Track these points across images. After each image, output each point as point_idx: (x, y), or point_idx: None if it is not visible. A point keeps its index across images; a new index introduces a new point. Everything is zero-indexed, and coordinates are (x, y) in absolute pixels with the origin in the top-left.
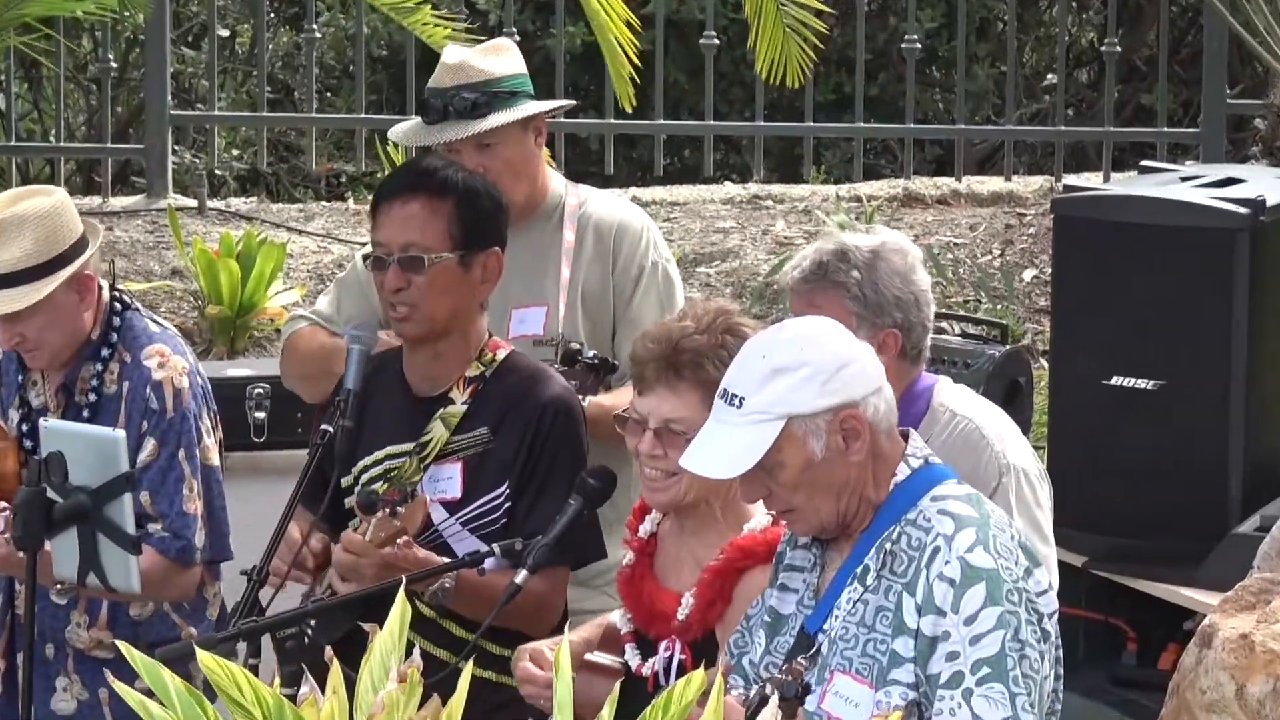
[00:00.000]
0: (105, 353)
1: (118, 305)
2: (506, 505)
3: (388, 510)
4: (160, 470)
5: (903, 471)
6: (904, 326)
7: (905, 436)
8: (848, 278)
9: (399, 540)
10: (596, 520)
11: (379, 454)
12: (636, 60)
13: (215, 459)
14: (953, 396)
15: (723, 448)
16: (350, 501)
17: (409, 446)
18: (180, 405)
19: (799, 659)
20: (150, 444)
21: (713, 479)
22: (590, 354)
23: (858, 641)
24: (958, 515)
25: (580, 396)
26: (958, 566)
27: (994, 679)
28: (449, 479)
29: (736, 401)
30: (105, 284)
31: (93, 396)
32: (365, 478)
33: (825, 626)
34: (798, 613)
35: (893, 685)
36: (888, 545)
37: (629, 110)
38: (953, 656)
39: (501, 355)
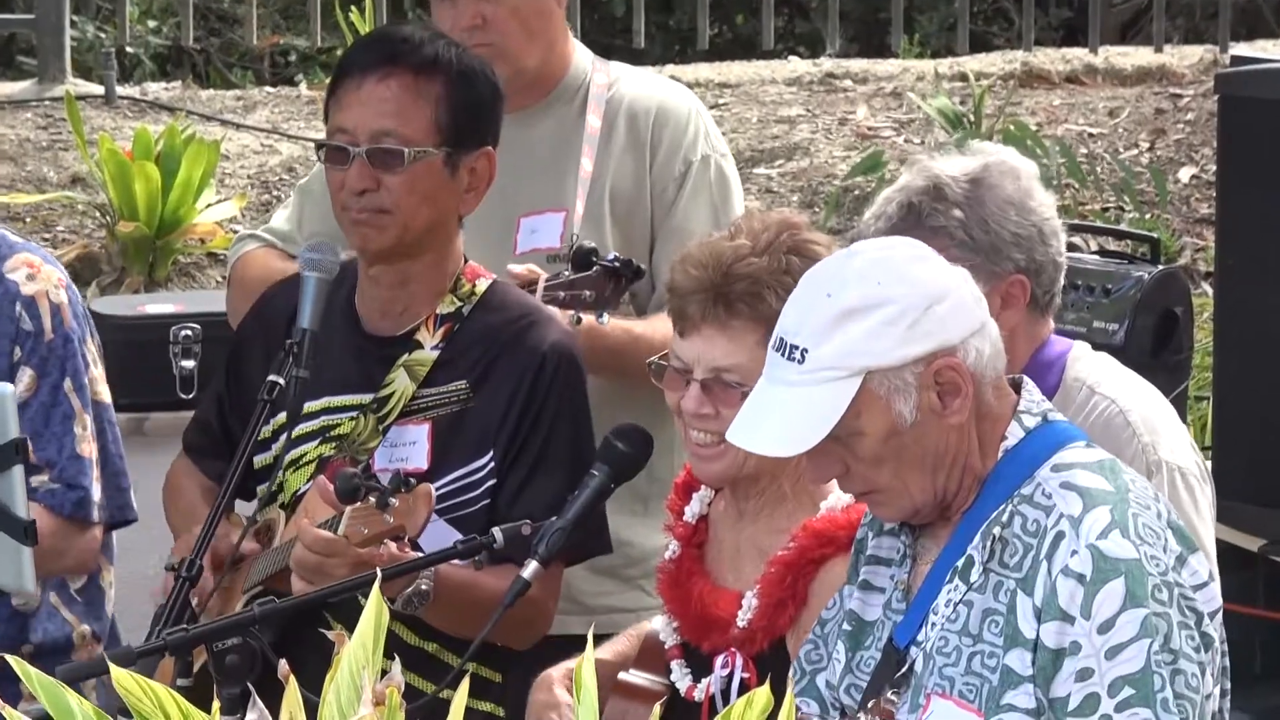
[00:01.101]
0: None
1: None
2: (489, 482)
3: (375, 500)
4: (42, 407)
5: (1014, 434)
6: (1030, 269)
7: (1017, 387)
8: (948, 219)
9: (390, 541)
10: (602, 504)
11: (314, 405)
12: None
13: (106, 394)
14: (1091, 369)
15: (782, 416)
16: (264, 459)
17: (361, 399)
18: (61, 325)
19: (888, 693)
20: (27, 375)
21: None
22: (610, 255)
23: (960, 656)
24: (1087, 490)
25: (598, 313)
26: (1088, 557)
27: (1138, 702)
28: (412, 444)
29: (797, 354)
30: None
31: None
32: (295, 433)
33: (919, 637)
34: (885, 619)
35: (1007, 712)
36: (996, 530)
37: None
38: (1084, 675)
39: (482, 287)
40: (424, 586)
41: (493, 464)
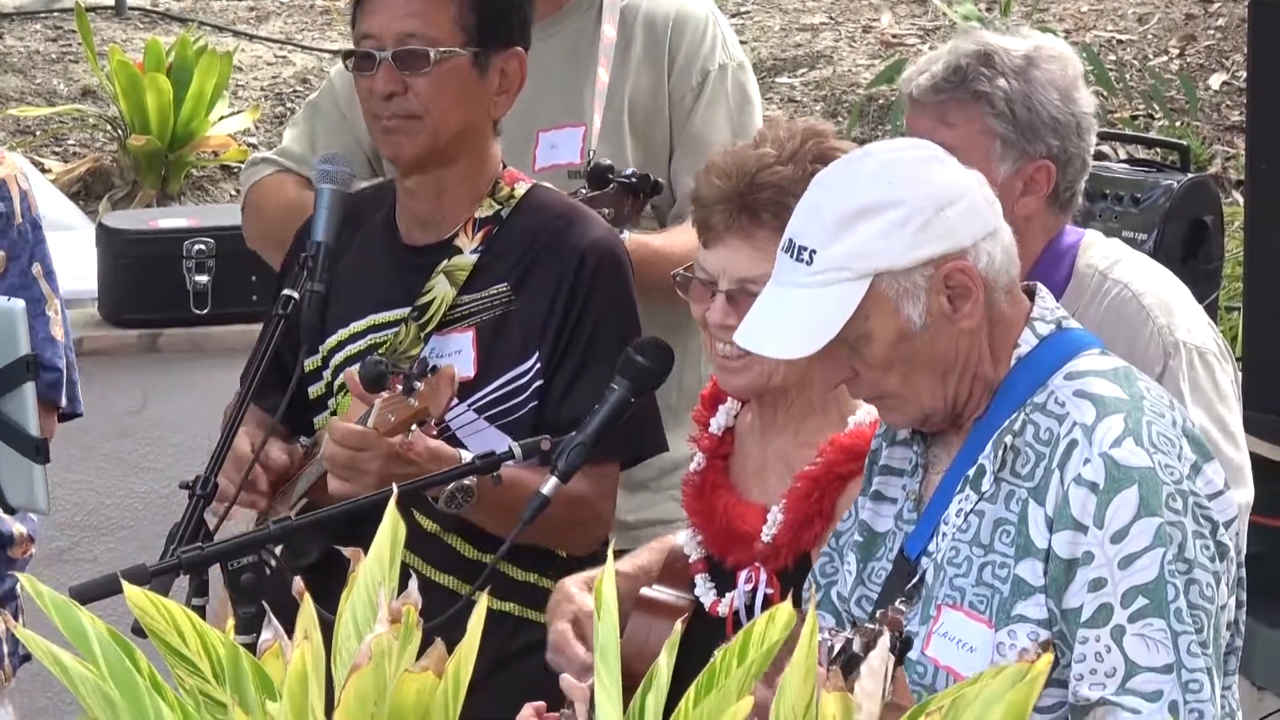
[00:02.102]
0: None
1: None
2: (536, 384)
3: (401, 386)
4: (12, 289)
5: (1028, 341)
6: (1060, 158)
7: (1031, 294)
8: (993, 87)
9: (418, 426)
10: (653, 402)
11: (359, 324)
12: None
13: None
14: (1103, 254)
15: (790, 318)
16: (316, 389)
17: (402, 313)
18: (29, 211)
19: (898, 603)
20: None
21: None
22: (627, 171)
23: (971, 566)
24: (1100, 397)
25: (618, 230)
26: (1100, 466)
27: (1152, 612)
28: (458, 352)
29: (805, 256)
30: None
31: None
32: (340, 358)
33: (930, 548)
34: (896, 530)
35: (1018, 623)
36: (1008, 439)
37: None
38: (1097, 585)
39: (521, 190)
40: (467, 482)
41: (539, 365)
